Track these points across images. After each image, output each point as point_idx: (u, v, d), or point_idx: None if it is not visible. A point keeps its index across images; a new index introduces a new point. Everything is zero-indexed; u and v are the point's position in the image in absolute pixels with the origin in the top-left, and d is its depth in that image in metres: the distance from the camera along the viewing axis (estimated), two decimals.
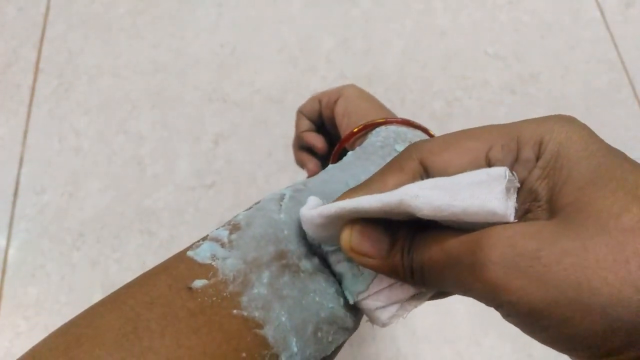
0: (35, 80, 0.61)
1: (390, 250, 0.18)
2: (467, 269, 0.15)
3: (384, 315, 0.20)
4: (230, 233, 0.21)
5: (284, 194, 0.23)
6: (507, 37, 0.63)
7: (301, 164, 0.40)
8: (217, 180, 0.56)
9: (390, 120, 0.30)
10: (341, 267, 0.21)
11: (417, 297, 0.20)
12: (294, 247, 0.21)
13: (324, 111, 0.36)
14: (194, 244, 0.21)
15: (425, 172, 0.18)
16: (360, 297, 0.20)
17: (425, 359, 0.49)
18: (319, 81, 0.61)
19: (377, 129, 0.30)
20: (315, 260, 0.21)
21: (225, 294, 0.19)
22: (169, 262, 0.20)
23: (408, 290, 0.20)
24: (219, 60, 0.62)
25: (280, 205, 0.22)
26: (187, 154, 0.57)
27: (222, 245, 0.20)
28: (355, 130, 0.31)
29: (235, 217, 0.22)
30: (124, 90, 0.60)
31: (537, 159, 0.16)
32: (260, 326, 0.19)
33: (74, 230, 0.53)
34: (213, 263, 0.19)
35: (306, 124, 0.38)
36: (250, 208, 0.22)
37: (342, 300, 0.21)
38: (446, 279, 0.16)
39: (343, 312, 0.21)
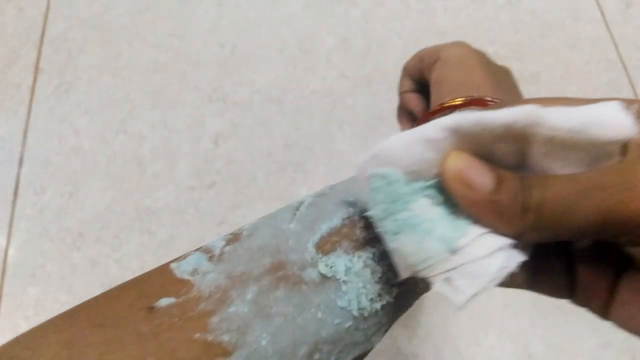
0: (35, 80, 0.61)
1: (497, 186, 0.16)
2: (617, 193, 0.15)
3: (492, 267, 0.17)
4: (227, 244, 0.20)
5: (303, 201, 0.22)
6: (507, 37, 0.63)
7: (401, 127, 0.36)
8: (217, 180, 0.56)
9: (475, 100, 0.26)
10: (434, 212, 0.17)
11: (520, 249, 0.17)
12: (298, 256, 0.19)
13: (424, 72, 0.32)
14: (185, 254, 0.20)
15: None
16: (463, 241, 0.17)
17: (425, 359, 0.49)
18: (319, 81, 0.61)
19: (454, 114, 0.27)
20: (326, 268, 0.19)
21: (191, 314, 0.17)
22: (148, 274, 0.19)
23: (504, 239, 0.17)
24: (219, 60, 0.62)
25: (295, 213, 0.21)
26: (187, 154, 0.57)
27: (211, 257, 0.19)
28: (431, 111, 0.28)
29: (243, 225, 0.21)
30: (124, 90, 0.60)
31: None
32: (227, 353, 0.17)
33: (74, 230, 0.53)
34: (191, 278, 0.18)
35: (407, 84, 0.34)
36: (264, 217, 0.21)
37: (355, 311, 0.19)
38: (578, 212, 0.15)
39: (353, 327, 0.19)
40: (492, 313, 0.50)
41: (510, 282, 0.18)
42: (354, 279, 0.19)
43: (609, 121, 0.16)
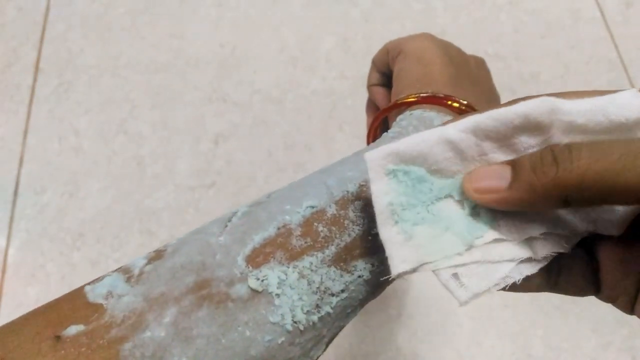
0: (35, 80, 0.61)
1: (514, 174, 0.16)
2: None
3: (497, 273, 0.18)
4: (148, 262, 0.19)
5: (237, 212, 0.21)
6: (507, 37, 0.63)
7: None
8: (217, 180, 0.56)
9: (428, 98, 0.26)
10: (455, 211, 0.18)
11: (532, 263, 0.18)
12: (225, 272, 0.18)
13: (390, 64, 0.31)
14: (103, 275, 0.19)
15: None
16: (478, 242, 0.18)
17: (425, 359, 0.49)
18: (319, 81, 0.61)
19: (405, 113, 0.26)
20: (257, 282, 0.18)
21: (101, 342, 0.16)
22: (59, 299, 0.18)
23: (524, 251, 0.18)
24: (219, 60, 0.62)
25: (226, 225, 0.20)
26: (187, 154, 0.57)
27: (129, 278, 0.18)
28: (386, 107, 0.28)
29: (169, 241, 0.20)
30: (124, 90, 0.60)
31: None
32: None
33: (74, 230, 0.53)
34: (104, 302, 0.17)
35: (374, 77, 0.34)
36: (193, 230, 0.20)
37: (289, 325, 0.18)
38: (633, 172, 0.14)
39: (287, 342, 0.18)
40: (492, 313, 0.50)
41: (525, 287, 0.19)
42: (288, 291, 0.18)
43: (626, 103, 0.16)
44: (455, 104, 0.26)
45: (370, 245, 0.20)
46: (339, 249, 0.20)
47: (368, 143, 0.32)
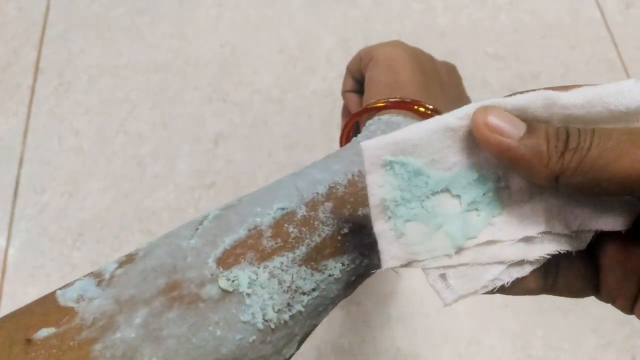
0: (35, 80, 0.61)
1: (529, 132, 0.16)
2: None
3: (486, 275, 0.18)
4: (119, 266, 0.19)
5: (208, 215, 0.21)
6: (507, 37, 0.63)
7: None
8: (217, 180, 0.56)
9: (396, 103, 0.27)
10: (451, 208, 0.18)
11: (524, 265, 0.18)
12: (196, 273, 0.19)
13: (363, 71, 0.32)
14: (75, 279, 0.19)
15: None
16: (469, 243, 0.18)
17: (425, 359, 0.49)
18: (319, 81, 0.61)
19: (374, 118, 0.27)
20: (227, 282, 0.18)
21: (72, 343, 0.17)
22: (30, 304, 0.18)
23: (517, 252, 0.18)
24: (219, 60, 0.62)
25: (197, 228, 0.20)
26: (187, 154, 0.57)
27: (100, 282, 0.18)
28: (356, 112, 0.29)
29: (140, 245, 0.20)
30: (124, 90, 0.60)
31: None
32: None
33: (74, 230, 0.53)
34: (75, 306, 0.17)
35: (349, 83, 0.35)
36: (165, 234, 0.21)
37: (260, 324, 0.18)
38: (629, 160, 0.14)
39: (258, 340, 0.18)
40: (492, 313, 0.50)
41: (523, 290, 0.19)
42: (258, 290, 0.19)
43: (625, 92, 0.16)
44: (422, 109, 0.26)
45: (340, 245, 0.21)
46: (309, 249, 0.20)
47: (341, 147, 0.33)
